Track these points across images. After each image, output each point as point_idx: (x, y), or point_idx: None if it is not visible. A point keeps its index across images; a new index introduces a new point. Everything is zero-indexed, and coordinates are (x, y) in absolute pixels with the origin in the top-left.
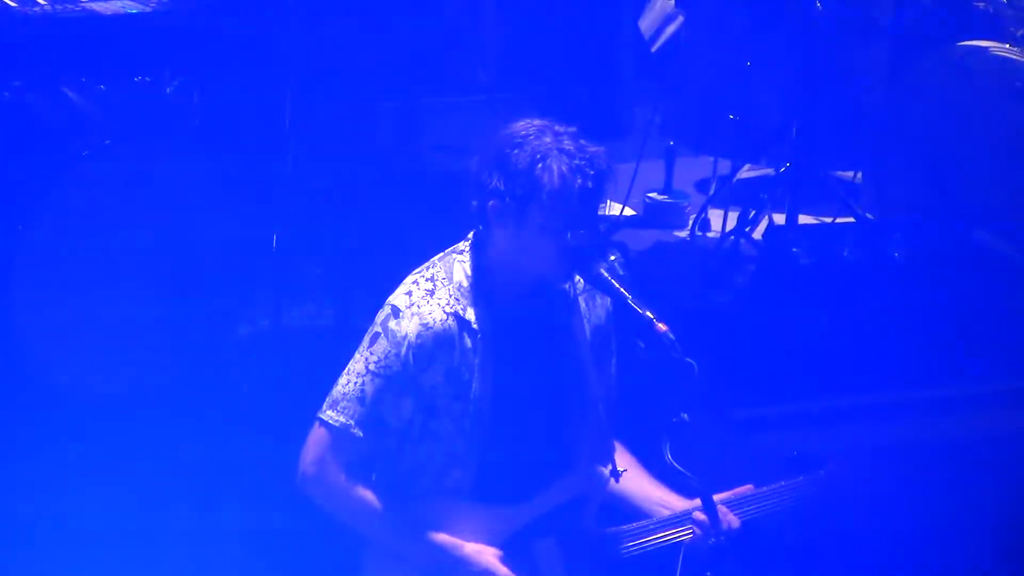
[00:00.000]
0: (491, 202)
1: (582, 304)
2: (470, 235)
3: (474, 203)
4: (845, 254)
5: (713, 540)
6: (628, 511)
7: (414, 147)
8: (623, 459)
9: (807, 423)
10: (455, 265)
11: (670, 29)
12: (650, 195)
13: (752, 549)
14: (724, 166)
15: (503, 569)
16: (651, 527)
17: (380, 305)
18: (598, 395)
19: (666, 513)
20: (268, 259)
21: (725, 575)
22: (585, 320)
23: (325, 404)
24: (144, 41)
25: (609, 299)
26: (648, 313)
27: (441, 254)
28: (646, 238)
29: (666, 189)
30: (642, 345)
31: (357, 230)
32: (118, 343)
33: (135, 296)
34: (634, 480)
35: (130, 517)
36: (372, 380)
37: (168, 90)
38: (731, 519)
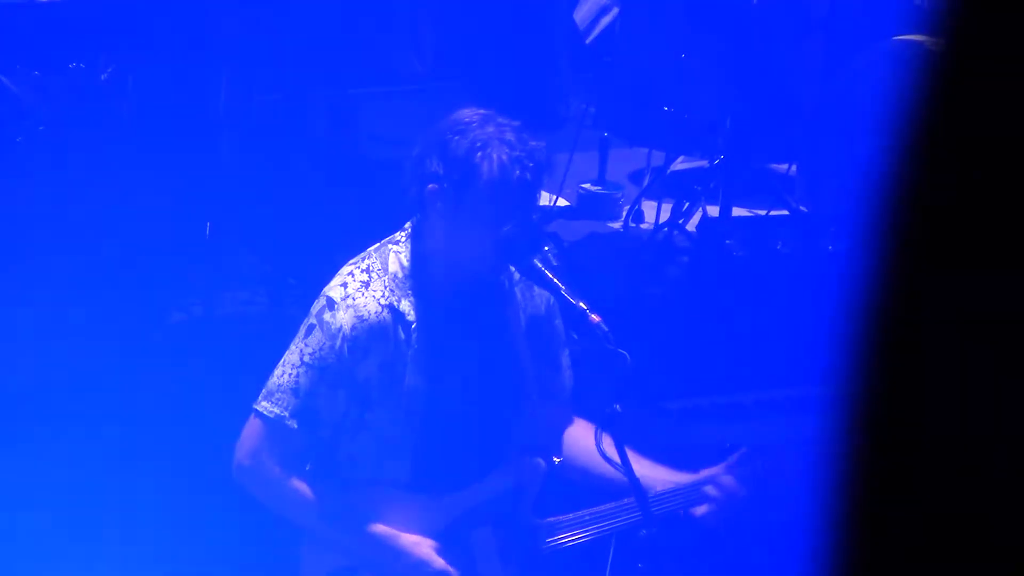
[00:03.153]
0: (429, 186)
1: (518, 295)
2: (407, 225)
3: (412, 190)
4: (779, 247)
5: (644, 532)
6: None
7: (350, 136)
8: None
9: (740, 415)
10: (391, 256)
11: (604, 21)
12: (584, 186)
13: (683, 540)
14: (658, 158)
15: (439, 560)
16: (587, 518)
17: (315, 294)
18: (533, 387)
19: (661, 489)
20: (201, 247)
21: (657, 566)
22: (520, 311)
23: (261, 395)
24: (79, 27)
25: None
26: (581, 304)
27: (377, 244)
28: (580, 229)
29: (600, 180)
30: (575, 336)
31: (292, 218)
32: (49, 331)
33: (67, 283)
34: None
35: (62, 509)
36: (307, 372)
37: (103, 76)
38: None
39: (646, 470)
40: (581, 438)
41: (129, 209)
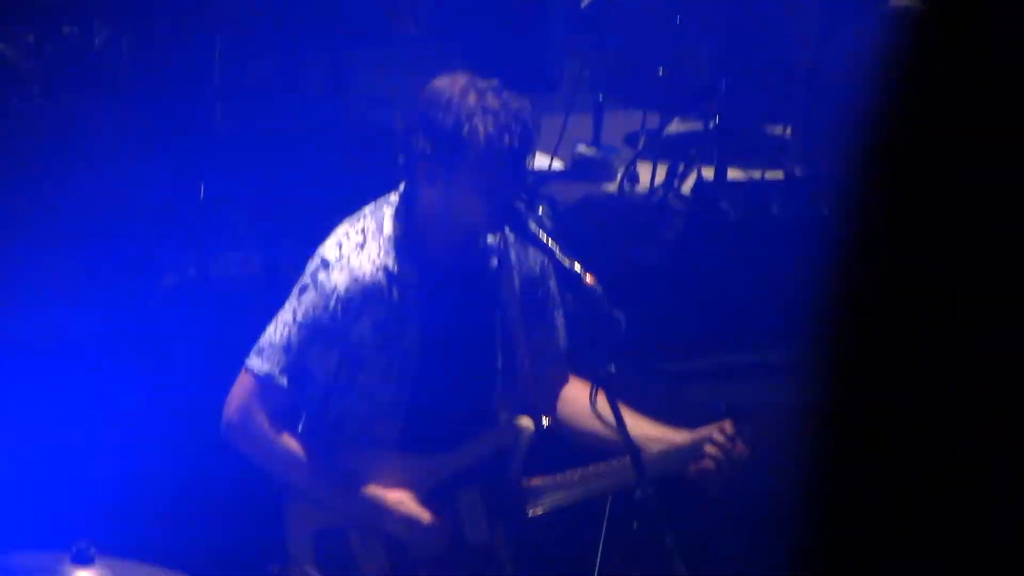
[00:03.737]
0: (418, 163)
1: (512, 256)
2: (401, 185)
3: (401, 158)
4: (774, 210)
5: (639, 493)
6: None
7: (343, 95)
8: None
9: (735, 376)
10: (385, 217)
11: None
12: (579, 148)
13: (679, 501)
14: (653, 120)
15: (426, 514)
16: (576, 479)
17: (310, 254)
18: (526, 348)
19: (662, 448)
20: (195, 208)
21: (652, 526)
22: (515, 272)
23: (252, 352)
24: None
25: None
26: (576, 266)
27: (372, 204)
28: (574, 191)
29: (595, 142)
30: (570, 298)
31: (286, 178)
32: (46, 290)
33: (62, 244)
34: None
35: (52, 468)
36: (299, 331)
37: (97, 40)
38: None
39: (642, 429)
40: (577, 397)
41: (123, 171)
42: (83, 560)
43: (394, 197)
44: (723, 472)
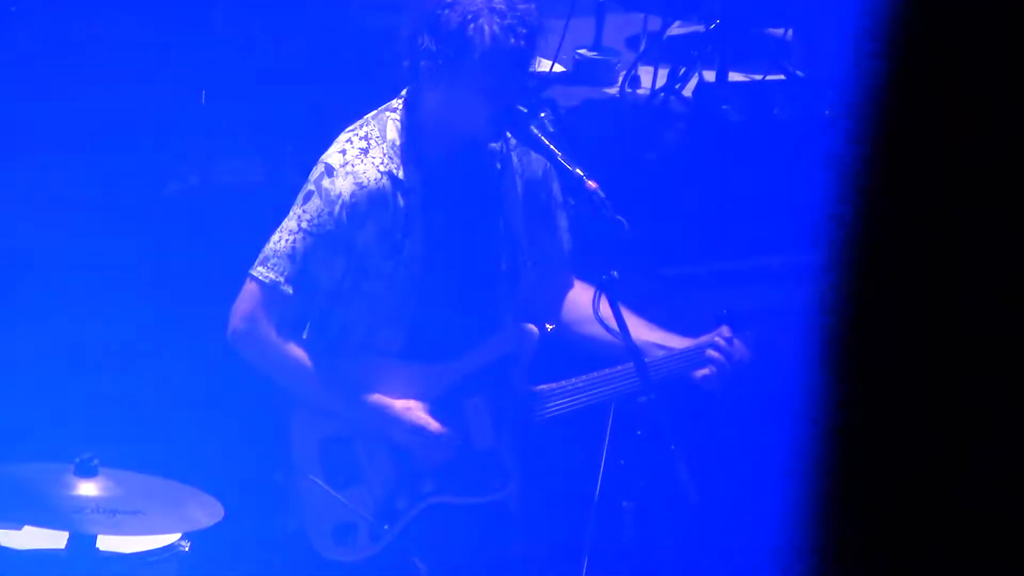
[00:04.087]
0: (422, 63)
1: (515, 160)
2: (403, 92)
3: (405, 63)
4: (775, 112)
5: (644, 398)
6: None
7: (342, 2)
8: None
9: (738, 281)
10: (388, 123)
11: None
12: (580, 52)
13: (683, 406)
14: (654, 23)
15: (433, 423)
16: (581, 385)
17: (313, 162)
18: (530, 252)
19: (664, 352)
20: (197, 115)
21: (656, 433)
22: (518, 177)
23: (257, 261)
24: None
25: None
26: (578, 171)
27: (375, 112)
28: (576, 95)
29: (596, 46)
30: (572, 202)
31: (288, 86)
32: (46, 205)
33: (65, 151)
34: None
35: (60, 378)
36: (304, 238)
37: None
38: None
39: (645, 333)
40: (581, 302)
41: (122, 83)
42: (87, 472)
43: (396, 104)
44: (724, 376)
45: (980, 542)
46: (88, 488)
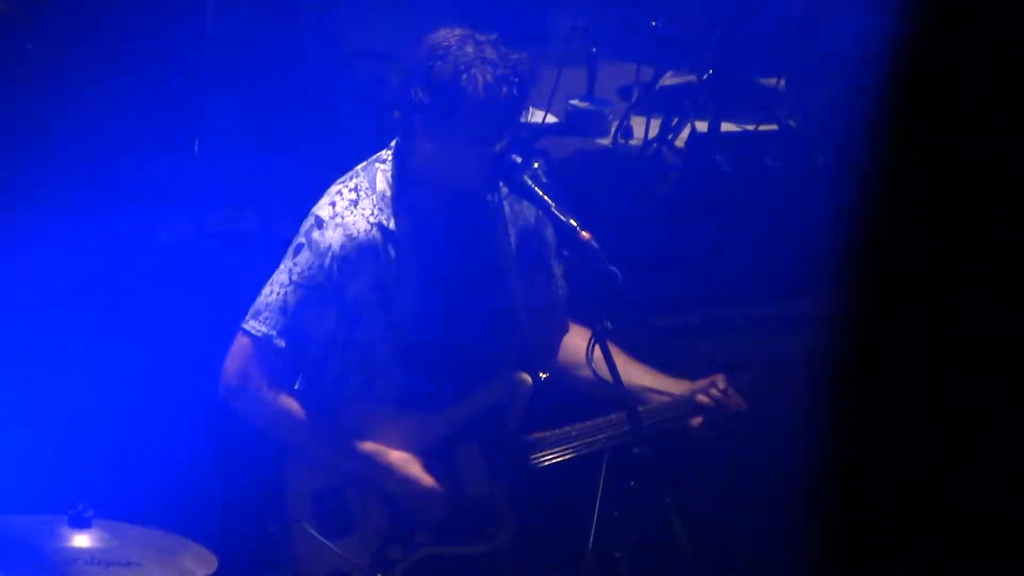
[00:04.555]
0: (415, 112)
1: (507, 210)
2: (393, 143)
3: (396, 113)
4: (768, 162)
5: (637, 450)
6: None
7: (334, 53)
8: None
9: (730, 330)
10: (378, 174)
11: None
12: (572, 102)
13: (677, 458)
14: (647, 73)
15: (427, 477)
16: (574, 433)
17: (304, 213)
18: (524, 300)
19: (659, 400)
20: (190, 166)
21: (650, 484)
22: (510, 226)
23: (248, 314)
24: None
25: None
26: (571, 221)
27: (364, 163)
28: (568, 145)
29: (588, 96)
30: (566, 253)
31: (279, 138)
32: (39, 249)
33: (55, 204)
34: (627, 370)
35: (50, 426)
36: (295, 291)
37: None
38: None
39: (640, 379)
40: (578, 347)
41: (116, 127)
42: (81, 523)
43: (386, 155)
44: (716, 425)
45: (980, 542)
46: (82, 540)
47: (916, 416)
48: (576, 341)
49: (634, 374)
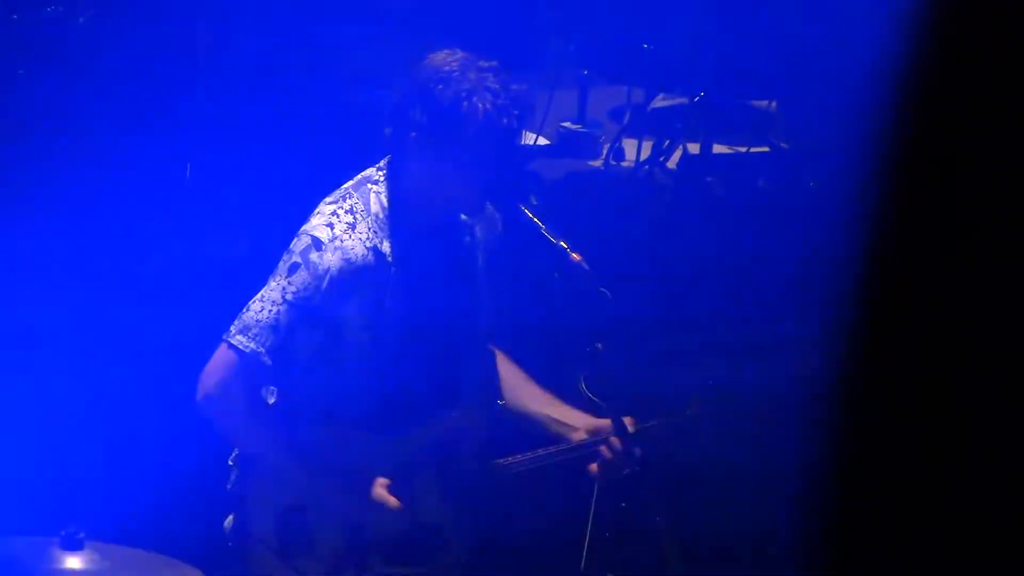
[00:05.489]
0: (412, 134)
1: (497, 232)
2: (382, 162)
3: (388, 131)
4: (760, 183)
5: (628, 471)
6: (535, 432)
7: (323, 76)
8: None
9: (722, 353)
10: (371, 196)
11: None
12: (564, 124)
13: (667, 479)
14: (638, 95)
15: (391, 499)
16: (539, 457)
17: (288, 231)
18: (489, 329)
19: (571, 434)
20: (179, 185)
21: (641, 506)
22: (500, 250)
23: (234, 328)
24: None
25: (501, 219)
26: (562, 243)
27: (353, 182)
28: (560, 167)
29: (580, 119)
30: (556, 275)
31: (266, 156)
32: (34, 270)
33: (49, 230)
34: (544, 404)
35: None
36: (289, 310)
37: (80, 20)
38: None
39: (547, 408)
40: (505, 376)
41: (109, 152)
42: (73, 545)
43: (377, 175)
44: (610, 473)
45: (980, 542)
46: (74, 562)
47: (916, 416)
48: (503, 369)
49: (541, 403)
